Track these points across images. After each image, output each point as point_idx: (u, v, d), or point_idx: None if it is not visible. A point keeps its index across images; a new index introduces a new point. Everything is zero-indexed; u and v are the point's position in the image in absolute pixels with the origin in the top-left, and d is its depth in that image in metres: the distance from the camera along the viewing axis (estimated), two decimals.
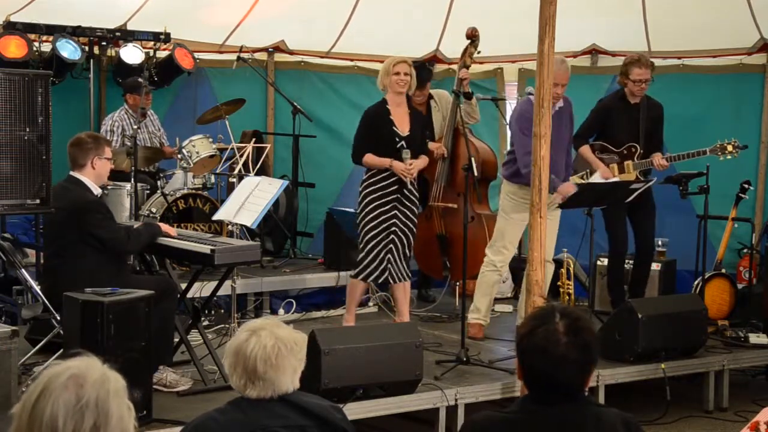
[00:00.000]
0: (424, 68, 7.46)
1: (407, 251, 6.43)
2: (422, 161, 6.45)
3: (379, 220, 6.30)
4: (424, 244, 7.50)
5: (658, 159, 6.73)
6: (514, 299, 7.47)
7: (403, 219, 6.35)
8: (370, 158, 6.33)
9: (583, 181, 6.84)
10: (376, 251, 6.31)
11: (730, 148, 6.72)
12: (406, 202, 6.36)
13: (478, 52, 7.24)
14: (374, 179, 6.33)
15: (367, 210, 6.33)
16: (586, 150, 6.89)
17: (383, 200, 6.31)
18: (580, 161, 6.95)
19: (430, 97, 7.48)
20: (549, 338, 2.58)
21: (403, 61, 6.30)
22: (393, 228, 6.32)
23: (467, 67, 7.22)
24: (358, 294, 6.58)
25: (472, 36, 7.21)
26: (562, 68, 6.04)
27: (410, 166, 6.24)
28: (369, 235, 6.32)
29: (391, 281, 6.45)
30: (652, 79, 6.74)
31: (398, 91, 6.29)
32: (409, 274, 6.47)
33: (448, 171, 7.32)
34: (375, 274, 6.36)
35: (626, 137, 6.80)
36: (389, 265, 6.35)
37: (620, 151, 6.81)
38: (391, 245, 6.33)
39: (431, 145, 7.22)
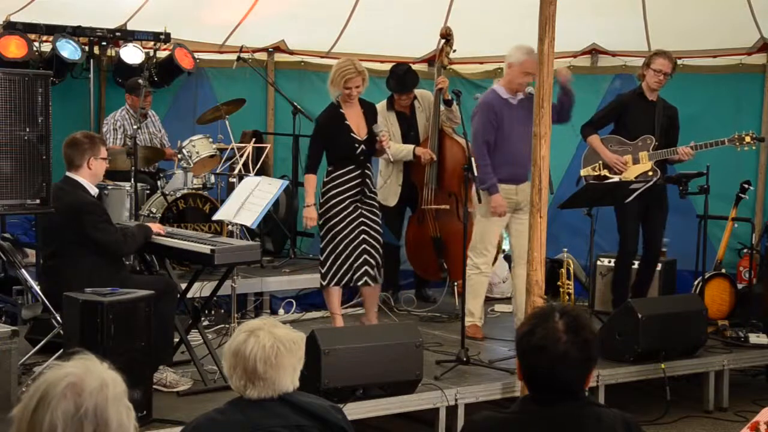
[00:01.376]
0: (410, 73, 7.40)
1: (378, 252, 6.31)
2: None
3: (346, 221, 6.21)
4: (419, 247, 7.48)
5: (683, 148, 6.73)
6: None
7: (369, 216, 6.27)
8: (308, 182, 6.27)
9: (595, 173, 6.84)
10: (347, 252, 6.20)
11: (747, 139, 6.75)
12: (368, 201, 6.28)
13: (454, 51, 7.24)
14: (336, 182, 6.23)
15: (332, 212, 6.21)
16: (594, 139, 6.88)
17: (343, 197, 6.21)
18: (591, 152, 6.94)
19: (414, 97, 7.45)
20: (549, 336, 2.57)
21: (356, 75, 6.12)
22: (363, 227, 6.23)
23: (444, 68, 7.24)
24: (337, 300, 6.38)
25: (447, 35, 7.21)
26: (532, 57, 5.99)
27: (384, 141, 6.18)
28: (338, 237, 6.19)
29: (370, 282, 6.29)
30: (670, 75, 6.76)
31: (350, 103, 6.24)
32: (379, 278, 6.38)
33: (437, 173, 7.30)
34: (349, 276, 6.23)
35: (641, 131, 6.81)
36: (367, 266, 6.24)
37: (635, 143, 6.81)
38: (365, 245, 6.23)
39: (418, 151, 7.22)
